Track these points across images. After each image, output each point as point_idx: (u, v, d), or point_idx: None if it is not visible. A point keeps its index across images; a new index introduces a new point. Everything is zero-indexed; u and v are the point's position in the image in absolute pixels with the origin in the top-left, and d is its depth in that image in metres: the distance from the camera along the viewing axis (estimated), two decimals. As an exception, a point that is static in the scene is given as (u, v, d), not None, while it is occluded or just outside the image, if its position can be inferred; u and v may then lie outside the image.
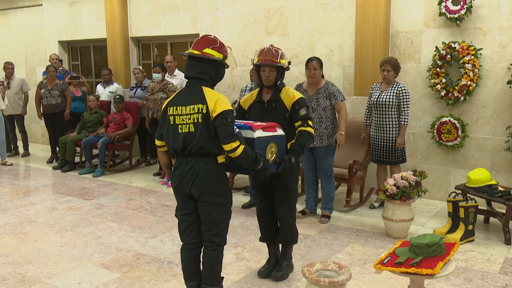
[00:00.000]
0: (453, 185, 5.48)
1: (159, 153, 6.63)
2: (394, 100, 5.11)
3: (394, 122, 5.16)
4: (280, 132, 3.32)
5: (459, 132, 5.45)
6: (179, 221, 3.07)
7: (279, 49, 3.54)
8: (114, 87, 7.96)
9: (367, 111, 5.44)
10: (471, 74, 5.27)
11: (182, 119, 2.87)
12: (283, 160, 3.30)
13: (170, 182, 6.29)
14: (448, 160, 5.67)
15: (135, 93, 7.59)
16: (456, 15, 5.26)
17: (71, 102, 7.87)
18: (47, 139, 8.55)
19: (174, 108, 2.90)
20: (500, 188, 4.57)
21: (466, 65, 5.27)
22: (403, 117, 5.12)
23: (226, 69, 3.07)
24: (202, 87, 2.90)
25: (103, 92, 7.98)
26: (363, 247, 4.29)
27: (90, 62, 9.39)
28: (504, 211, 4.51)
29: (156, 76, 6.71)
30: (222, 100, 2.86)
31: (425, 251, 2.76)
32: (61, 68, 8.45)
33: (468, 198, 4.46)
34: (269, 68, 3.48)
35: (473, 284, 3.55)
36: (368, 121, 5.44)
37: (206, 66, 2.92)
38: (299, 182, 5.28)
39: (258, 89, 3.66)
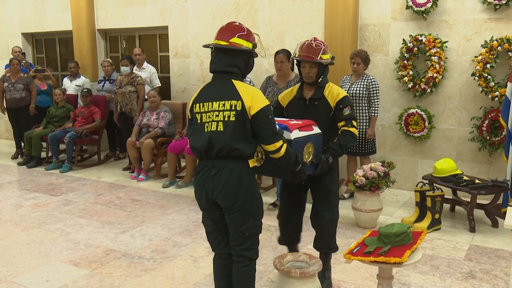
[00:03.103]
0: (420, 175, 5.60)
1: (128, 147, 6.52)
2: (364, 92, 5.17)
3: (364, 114, 5.22)
4: (316, 130, 3.07)
5: (426, 123, 5.56)
6: (206, 230, 2.78)
7: (322, 43, 3.21)
8: (81, 80, 7.77)
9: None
10: (437, 66, 5.38)
11: (209, 116, 2.53)
12: (320, 160, 3.05)
13: (139, 176, 6.32)
14: (415, 150, 5.78)
15: (103, 86, 7.43)
16: (423, 8, 5.35)
17: (36, 96, 7.64)
18: (12, 134, 8.30)
19: (201, 104, 2.58)
20: (465, 178, 4.69)
21: (433, 57, 5.38)
22: (373, 108, 5.20)
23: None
24: (233, 80, 2.58)
25: (70, 86, 7.78)
26: (333, 238, 4.33)
27: (56, 55, 9.14)
28: (469, 199, 4.64)
29: (124, 69, 6.59)
30: (259, 95, 2.54)
31: (393, 240, 2.81)
32: (24, 61, 8.19)
33: (435, 187, 4.57)
34: (309, 64, 3.16)
35: (439, 271, 3.64)
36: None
37: (235, 58, 2.60)
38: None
39: (299, 84, 3.36)
